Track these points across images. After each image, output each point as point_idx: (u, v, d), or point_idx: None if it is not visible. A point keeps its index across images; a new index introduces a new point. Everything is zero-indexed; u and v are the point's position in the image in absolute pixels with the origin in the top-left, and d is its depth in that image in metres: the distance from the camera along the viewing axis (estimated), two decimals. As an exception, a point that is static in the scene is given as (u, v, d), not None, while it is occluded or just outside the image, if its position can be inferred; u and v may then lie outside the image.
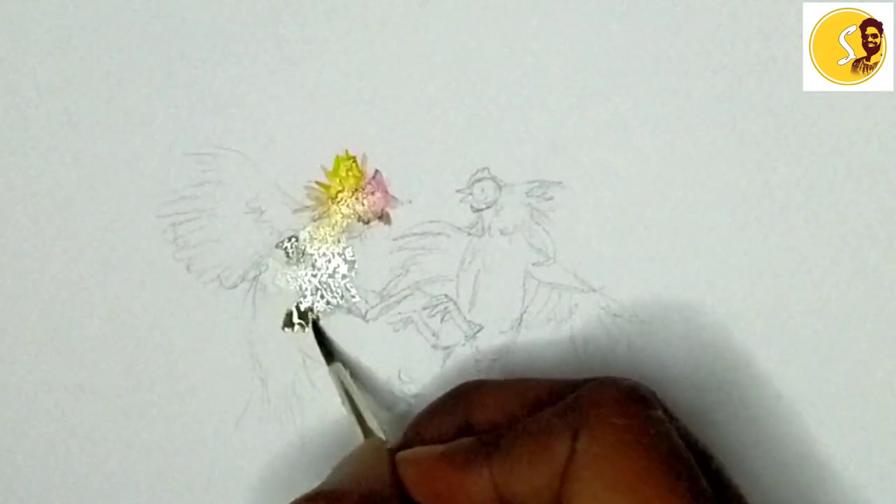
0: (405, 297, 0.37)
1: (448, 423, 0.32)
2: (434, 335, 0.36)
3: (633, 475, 0.27)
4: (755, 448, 0.36)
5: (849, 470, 0.36)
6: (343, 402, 0.35)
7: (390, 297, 0.37)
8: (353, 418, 0.34)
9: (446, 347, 0.37)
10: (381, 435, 0.34)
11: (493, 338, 0.36)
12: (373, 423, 0.34)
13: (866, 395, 0.36)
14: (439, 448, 0.31)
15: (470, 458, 0.30)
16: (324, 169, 0.37)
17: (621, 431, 0.28)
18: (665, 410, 0.30)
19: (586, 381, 0.31)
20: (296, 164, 0.37)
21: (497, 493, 0.29)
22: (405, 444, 0.32)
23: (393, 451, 0.32)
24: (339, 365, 0.36)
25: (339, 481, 0.30)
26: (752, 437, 0.36)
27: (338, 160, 0.37)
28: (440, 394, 0.34)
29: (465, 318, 0.36)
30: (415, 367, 0.37)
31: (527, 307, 0.36)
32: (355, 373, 0.37)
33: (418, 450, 0.31)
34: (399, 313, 0.37)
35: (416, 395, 0.37)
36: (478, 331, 0.36)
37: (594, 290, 0.36)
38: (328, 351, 0.36)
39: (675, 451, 0.28)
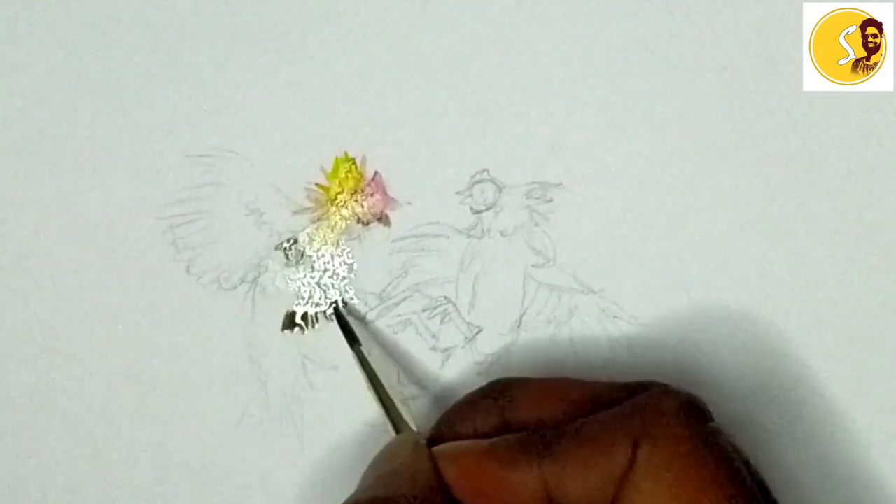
0: (404, 298, 0.37)
1: (484, 418, 0.31)
2: (433, 337, 0.36)
3: (694, 487, 0.27)
4: (755, 450, 0.36)
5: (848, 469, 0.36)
6: (368, 389, 0.34)
7: (389, 298, 0.37)
8: (379, 406, 0.33)
9: (445, 349, 0.37)
10: (412, 425, 0.33)
11: (492, 340, 0.36)
12: (403, 412, 0.33)
13: (867, 394, 0.36)
14: (484, 443, 0.30)
15: (519, 455, 0.29)
16: (323, 171, 0.37)
17: (684, 443, 0.28)
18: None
19: (628, 385, 0.31)
20: (295, 165, 0.37)
21: (546, 493, 0.29)
22: (437, 437, 0.32)
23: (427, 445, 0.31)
24: (361, 348, 0.35)
25: (384, 483, 0.29)
26: (752, 438, 0.36)
27: (337, 162, 0.37)
28: (440, 396, 0.34)
29: (464, 319, 0.36)
30: (414, 369, 0.37)
31: (526, 309, 0.36)
32: (383, 357, 0.36)
33: (460, 444, 0.31)
34: (398, 315, 0.37)
35: (415, 398, 0.36)
36: (477, 333, 0.36)
37: (594, 292, 0.36)
38: (351, 334, 0.36)
39: (733, 464, 0.28)
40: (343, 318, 0.36)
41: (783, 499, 0.30)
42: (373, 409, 0.34)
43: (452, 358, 0.36)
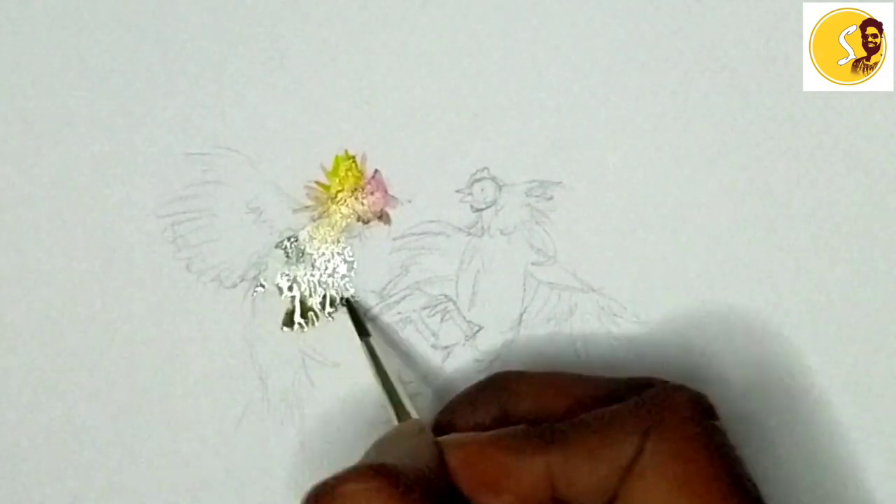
0: (405, 296, 0.37)
1: (485, 411, 0.32)
2: (434, 335, 0.36)
3: (698, 480, 0.28)
4: (753, 447, 0.36)
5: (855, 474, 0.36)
6: (376, 380, 0.34)
7: (390, 296, 0.37)
8: (385, 397, 0.33)
9: (446, 347, 0.37)
10: (415, 415, 0.33)
11: (492, 338, 0.36)
12: (407, 404, 0.33)
13: (867, 396, 0.36)
14: (488, 433, 0.30)
15: (524, 444, 0.29)
16: (323, 169, 0.37)
17: (692, 437, 0.28)
18: None
19: (629, 380, 0.31)
20: (295, 163, 0.37)
21: (550, 483, 0.29)
22: (438, 428, 0.32)
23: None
24: (370, 340, 0.35)
25: (392, 458, 0.29)
26: (750, 437, 0.36)
27: (337, 160, 0.37)
28: (440, 394, 0.34)
29: (464, 317, 0.36)
30: (414, 367, 0.36)
31: (526, 307, 0.36)
32: (389, 350, 0.36)
33: (464, 434, 0.31)
34: (398, 313, 0.37)
35: (415, 395, 0.36)
36: (477, 331, 0.36)
37: (594, 290, 0.36)
38: (361, 326, 0.36)
39: (737, 461, 0.29)
40: (354, 309, 0.36)
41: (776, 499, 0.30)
42: (374, 407, 0.34)
43: (452, 356, 0.36)
